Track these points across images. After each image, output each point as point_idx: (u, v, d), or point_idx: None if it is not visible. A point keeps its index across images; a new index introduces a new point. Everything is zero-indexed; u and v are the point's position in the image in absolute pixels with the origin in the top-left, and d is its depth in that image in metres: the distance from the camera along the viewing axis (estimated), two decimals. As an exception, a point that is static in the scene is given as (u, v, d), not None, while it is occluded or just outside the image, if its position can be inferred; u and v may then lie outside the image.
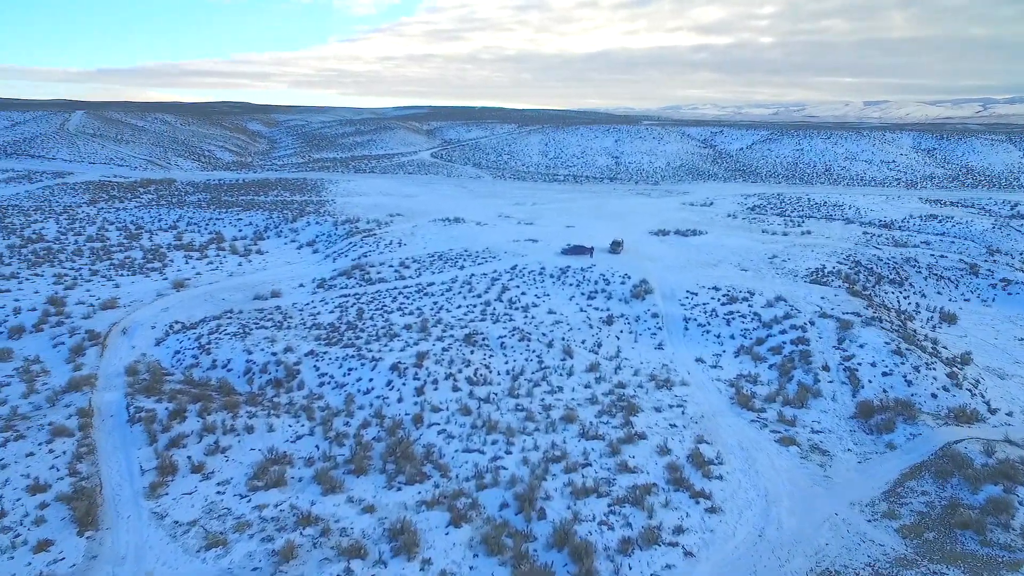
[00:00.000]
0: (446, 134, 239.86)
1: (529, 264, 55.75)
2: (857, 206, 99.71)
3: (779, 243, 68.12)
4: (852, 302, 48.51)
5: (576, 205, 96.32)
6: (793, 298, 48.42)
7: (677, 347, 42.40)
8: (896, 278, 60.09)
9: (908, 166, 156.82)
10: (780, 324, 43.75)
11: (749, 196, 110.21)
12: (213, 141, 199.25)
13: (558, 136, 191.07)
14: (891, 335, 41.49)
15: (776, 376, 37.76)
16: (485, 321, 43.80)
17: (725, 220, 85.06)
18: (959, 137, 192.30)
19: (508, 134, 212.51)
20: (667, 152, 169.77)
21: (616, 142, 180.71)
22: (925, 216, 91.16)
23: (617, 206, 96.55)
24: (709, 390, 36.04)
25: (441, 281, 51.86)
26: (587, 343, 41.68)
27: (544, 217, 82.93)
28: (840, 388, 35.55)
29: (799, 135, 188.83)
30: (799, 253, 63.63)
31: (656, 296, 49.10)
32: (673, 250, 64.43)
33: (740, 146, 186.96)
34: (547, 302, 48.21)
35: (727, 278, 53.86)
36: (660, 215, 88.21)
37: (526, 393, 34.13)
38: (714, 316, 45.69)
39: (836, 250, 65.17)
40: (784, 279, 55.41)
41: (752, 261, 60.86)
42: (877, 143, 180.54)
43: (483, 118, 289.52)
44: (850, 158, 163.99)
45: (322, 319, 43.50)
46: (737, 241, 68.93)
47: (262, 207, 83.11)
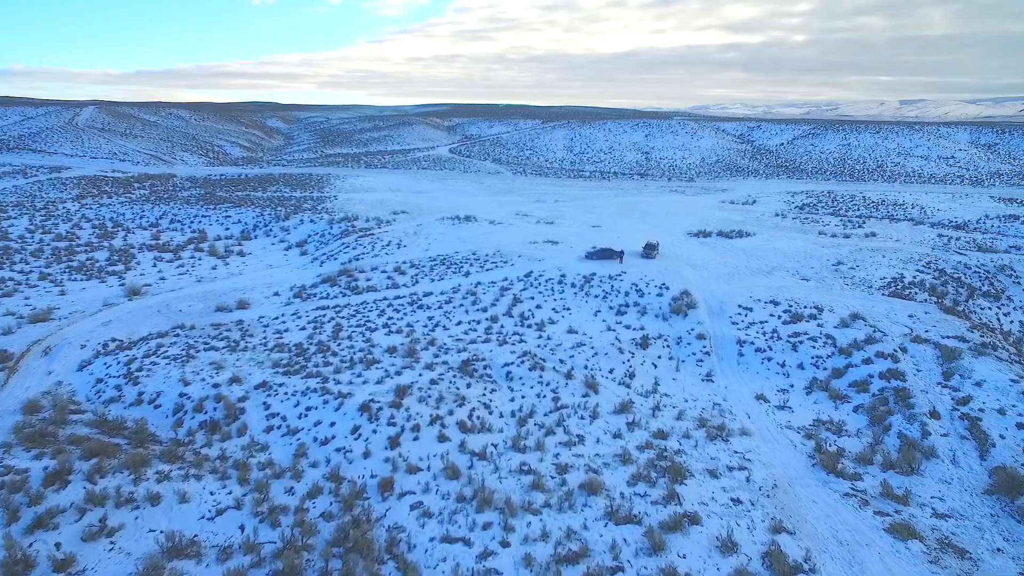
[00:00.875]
0: (467, 130, 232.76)
1: (547, 270, 47.59)
2: (921, 205, 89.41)
3: (842, 247, 58.82)
4: (949, 322, 39.32)
5: (603, 203, 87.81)
6: (873, 316, 39.46)
7: (731, 379, 33.86)
8: (991, 290, 50.55)
9: (969, 162, 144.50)
10: (862, 351, 34.89)
11: (796, 194, 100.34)
12: (226, 136, 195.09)
13: (584, 131, 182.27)
14: (1014, 368, 32.37)
15: (866, 424, 29.02)
16: (489, 342, 35.79)
17: (773, 220, 75.73)
18: (1022, 132, 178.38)
19: (531, 129, 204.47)
20: (701, 147, 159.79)
21: (646, 137, 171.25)
22: (1004, 216, 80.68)
23: (649, 204, 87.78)
24: (779, 443, 27.51)
25: (441, 291, 43.99)
26: (616, 373, 33.41)
27: (567, 216, 74.67)
28: (960, 445, 26.67)
29: (845, 130, 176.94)
30: (868, 259, 54.34)
31: (701, 312, 40.55)
32: (717, 255, 55.63)
33: (780, 141, 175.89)
34: (567, 318, 40.03)
35: (786, 289, 45.03)
36: (698, 214, 79.22)
37: (535, 445, 26.05)
38: (775, 338, 36.99)
39: (912, 256, 55.70)
40: (856, 291, 46.32)
41: (813, 268, 51.80)
42: (932, 138, 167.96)
43: (507, 115, 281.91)
44: (903, 153, 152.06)
45: (289, 338, 35.94)
46: (791, 244, 59.80)
47: (256, 203, 76.39)
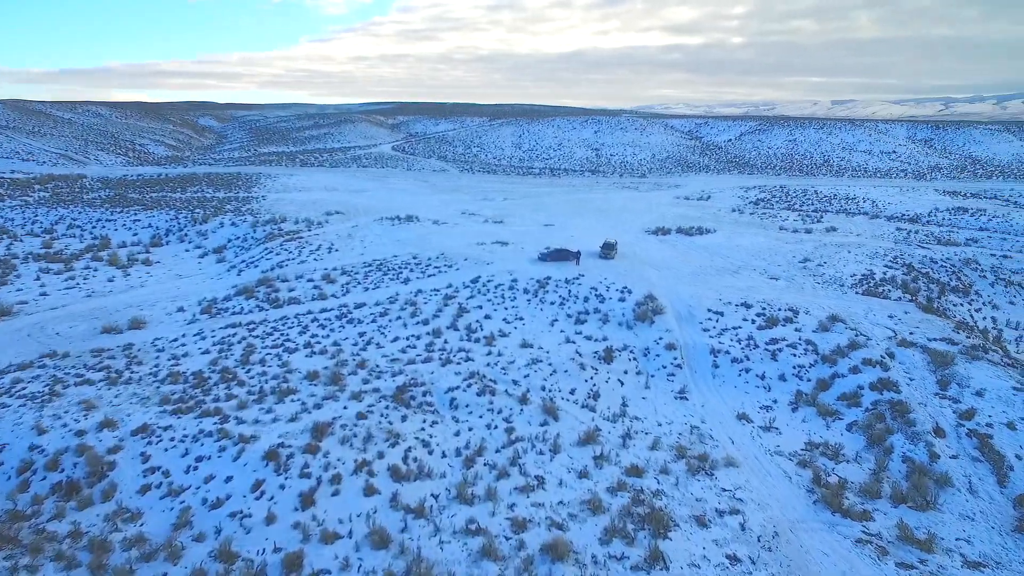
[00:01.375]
0: (412, 128, 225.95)
1: (496, 275, 42.86)
2: (872, 199, 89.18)
3: (805, 243, 56.37)
4: (932, 323, 36.65)
5: (554, 200, 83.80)
6: (852, 318, 36.40)
7: (707, 395, 29.93)
8: (960, 286, 48.73)
9: (910, 156, 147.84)
10: (847, 358, 31.58)
11: (749, 189, 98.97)
12: (150, 135, 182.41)
13: (533, 128, 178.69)
14: (1012, 374, 29.58)
15: (864, 445, 25.45)
16: (431, 362, 30.76)
17: (731, 216, 73.31)
18: (955, 127, 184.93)
19: (478, 127, 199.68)
20: (651, 144, 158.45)
21: (596, 133, 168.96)
22: (953, 209, 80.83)
23: (602, 201, 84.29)
24: (771, 474, 23.60)
25: (375, 301, 38.63)
26: (578, 394, 28.96)
27: (517, 215, 70.17)
28: (974, 469, 23.34)
29: (791, 125, 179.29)
30: (835, 255, 51.90)
31: (668, 318, 36.62)
32: (679, 253, 52.14)
33: (728, 137, 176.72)
34: (520, 329, 35.39)
35: (756, 290, 41.71)
36: (654, 211, 76.13)
37: (485, 494, 21.29)
38: (752, 346, 33.34)
39: (877, 250, 53.64)
40: (829, 290, 43.46)
41: (780, 266, 48.88)
42: (872, 133, 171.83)
43: (453, 113, 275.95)
44: (848, 148, 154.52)
45: (186, 365, 29.97)
46: (754, 241, 57.01)
47: (171, 205, 68.77)
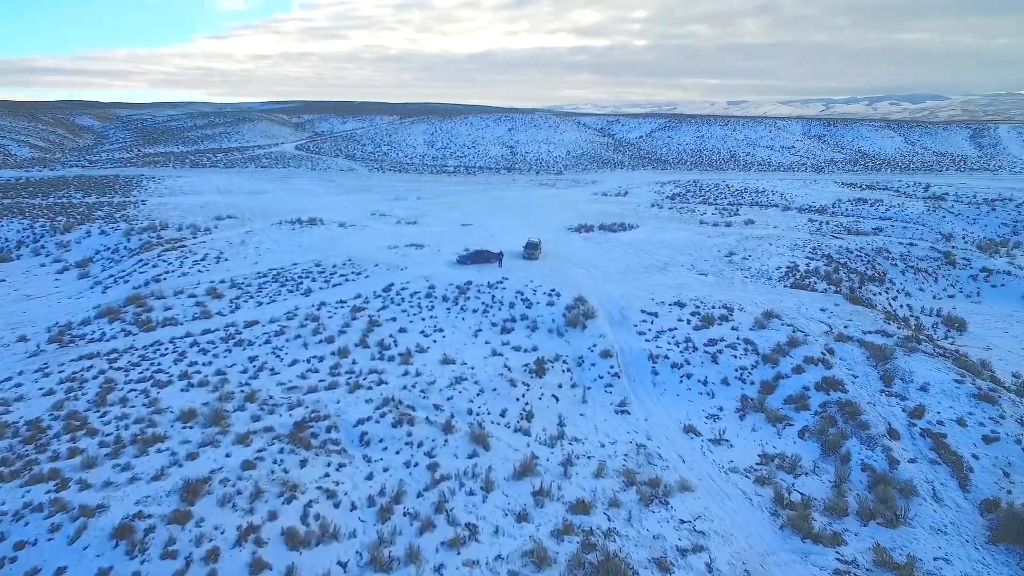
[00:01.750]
0: (318, 126, 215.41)
1: (412, 281, 38.73)
2: (779, 191, 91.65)
3: (727, 236, 55.84)
4: (863, 314, 36.05)
5: (471, 198, 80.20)
6: (786, 313, 35.17)
7: (649, 406, 27.35)
8: (875, 274, 49.39)
9: (808, 151, 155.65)
10: (788, 356, 30.01)
11: (664, 184, 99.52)
12: (13, 135, 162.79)
13: (445, 126, 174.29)
14: (950, 365, 28.93)
15: (820, 454, 23.61)
16: (336, 389, 26.35)
17: (651, 211, 72.50)
18: (845, 124, 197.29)
19: (388, 125, 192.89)
20: (566, 141, 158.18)
21: (510, 131, 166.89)
22: (854, 200, 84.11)
23: (520, 198, 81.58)
24: (730, 498, 21.15)
25: (270, 318, 33.54)
26: (510, 415, 25.53)
27: (432, 215, 65.98)
28: (935, 474, 21.87)
29: (698, 122, 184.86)
30: (757, 248, 51.45)
31: (601, 321, 33.93)
32: (604, 251, 49.94)
33: (639, 134, 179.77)
34: (440, 343, 31.54)
35: (687, 287, 39.94)
36: (573, 207, 74.15)
37: (406, 555, 17.48)
38: (691, 349, 31.17)
39: (796, 242, 53.79)
40: (758, 284, 42.44)
41: (707, 261, 47.67)
42: (772, 130, 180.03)
43: (362, 111, 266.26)
44: (752, 144, 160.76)
45: (19, 413, 23.98)
46: (678, 235, 55.88)
47: (27, 213, 59.45)
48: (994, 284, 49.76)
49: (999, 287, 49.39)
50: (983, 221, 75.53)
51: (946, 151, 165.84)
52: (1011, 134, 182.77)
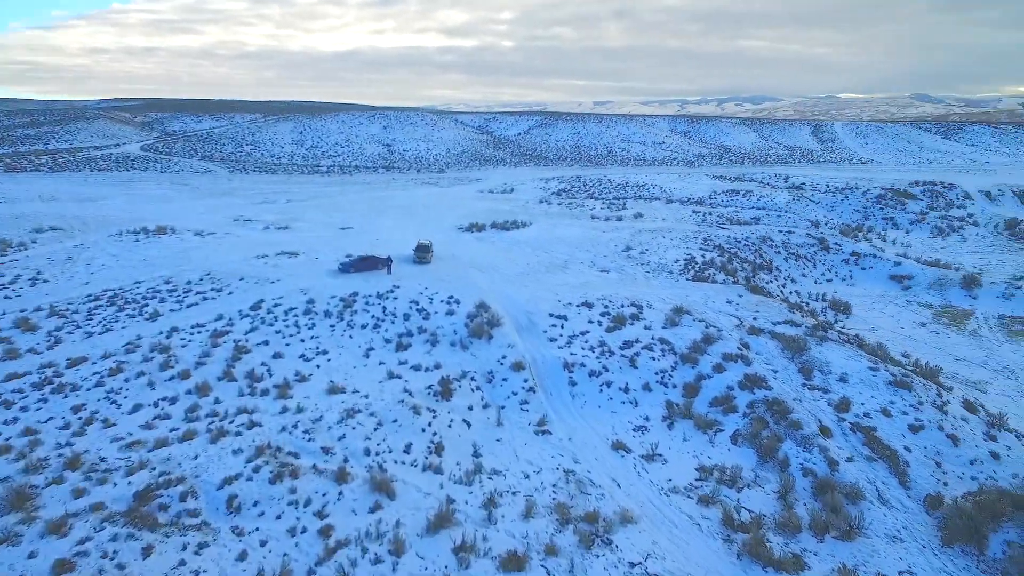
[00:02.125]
0: (168, 125, 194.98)
1: (286, 296, 33.41)
2: (659, 185, 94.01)
3: (621, 230, 55.07)
4: (768, 305, 35.83)
5: (349, 199, 74.26)
6: (695, 307, 34.07)
7: (571, 423, 24.59)
8: (763, 263, 50.53)
9: (678, 146, 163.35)
10: (706, 354, 28.57)
11: (548, 180, 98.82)
12: None
13: (315, 124, 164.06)
14: (860, 353, 28.83)
15: (757, 460, 22.02)
16: (195, 439, 21.04)
17: (540, 208, 70.77)
18: (707, 121, 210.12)
19: (251, 123, 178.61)
20: (444, 139, 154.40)
21: (385, 129, 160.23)
22: (727, 191, 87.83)
23: (403, 198, 76.84)
24: (676, 525, 18.77)
25: (105, 352, 27.02)
26: (416, 451, 21.64)
27: (306, 218, 59.71)
28: (874, 473, 20.89)
29: (574, 120, 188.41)
30: (651, 241, 50.95)
31: (508, 329, 30.81)
32: (500, 251, 46.99)
33: (517, 131, 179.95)
34: (325, 368, 26.86)
35: (592, 286, 37.93)
36: (461, 206, 70.74)
37: (297, 667, 13.14)
38: (607, 353, 28.88)
39: (687, 234, 54.06)
40: (660, 279, 41.40)
41: (606, 257, 46.20)
42: (642, 127, 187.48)
43: (221, 109, 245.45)
44: (626, 140, 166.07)
45: None
46: (572, 232, 54.25)
47: None
48: (863, 267, 52.55)
49: (868, 269, 52.21)
50: (839, 208, 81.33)
51: (795, 145, 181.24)
52: (845, 129, 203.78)
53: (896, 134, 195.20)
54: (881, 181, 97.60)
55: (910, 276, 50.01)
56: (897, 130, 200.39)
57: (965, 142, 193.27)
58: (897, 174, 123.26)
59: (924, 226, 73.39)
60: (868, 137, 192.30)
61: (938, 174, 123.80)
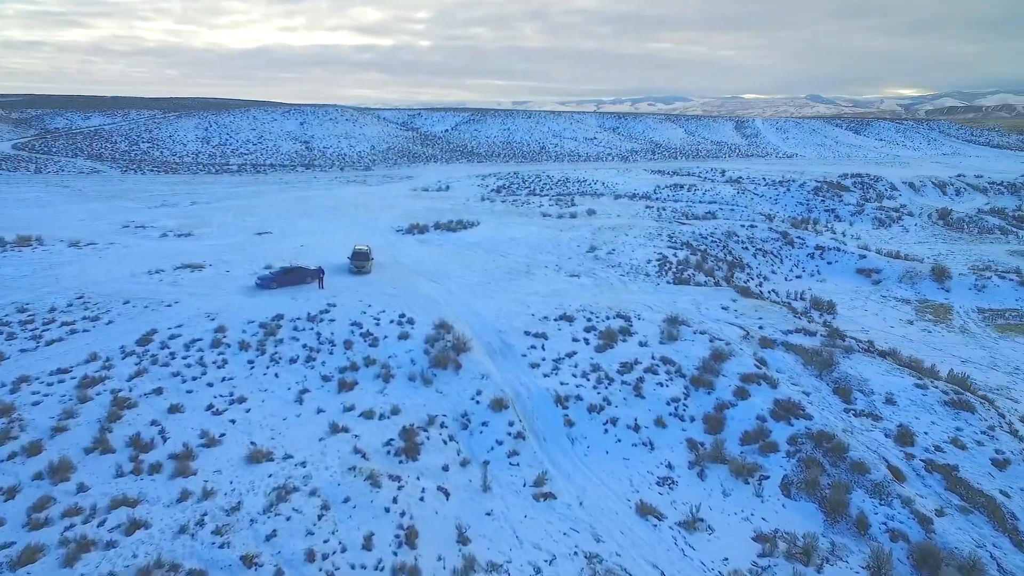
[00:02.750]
0: (50, 122, 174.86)
1: (188, 324, 26.02)
2: (599, 180, 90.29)
3: (579, 229, 50.14)
4: (769, 310, 31.68)
5: (266, 200, 65.68)
6: (689, 316, 29.39)
7: (579, 479, 19.10)
8: (734, 260, 46.95)
9: (609, 142, 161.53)
10: (721, 376, 23.82)
11: (485, 176, 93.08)
12: None
13: (223, 120, 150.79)
14: (895, 365, 24.88)
15: (824, 521, 17.30)
16: (35, 562, 13.89)
17: (483, 206, 64.89)
18: (633, 118, 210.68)
19: (148, 120, 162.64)
20: (368, 135, 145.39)
21: (302, 125, 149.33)
22: (671, 186, 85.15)
23: (329, 198, 68.92)
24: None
25: (-89, 419, 18.98)
26: (379, 546, 15.48)
27: (215, 222, 51.17)
28: (976, 529, 16.57)
29: (502, 115, 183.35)
30: (615, 239, 46.29)
31: (478, 354, 24.91)
32: (451, 255, 40.81)
33: (444, 127, 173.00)
34: (244, 422, 20.03)
35: (565, 294, 32.58)
36: (395, 206, 63.84)
37: None
38: (604, 381, 23.56)
39: (650, 231, 49.85)
40: (638, 282, 36.59)
41: (571, 259, 41.02)
42: (572, 123, 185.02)
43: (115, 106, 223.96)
44: (557, 136, 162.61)
45: None
46: (527, 231, 48.78)
47: None
48: (829, 261, 50.04)
49: (833, 264, 49.71)
50: (783, 201, 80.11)
51: (721, 140, 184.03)
52: (766, 125, 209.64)
53: (813, 129, 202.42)
54: (812, 174, 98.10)
55: (878, 270, 47.76)
56: (814, 126, 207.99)
57: (874, 137, 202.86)
58: (823, 167, 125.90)
59: (864, 217, 72.89)
60: (788, 132, 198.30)
61: (860, 166, 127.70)
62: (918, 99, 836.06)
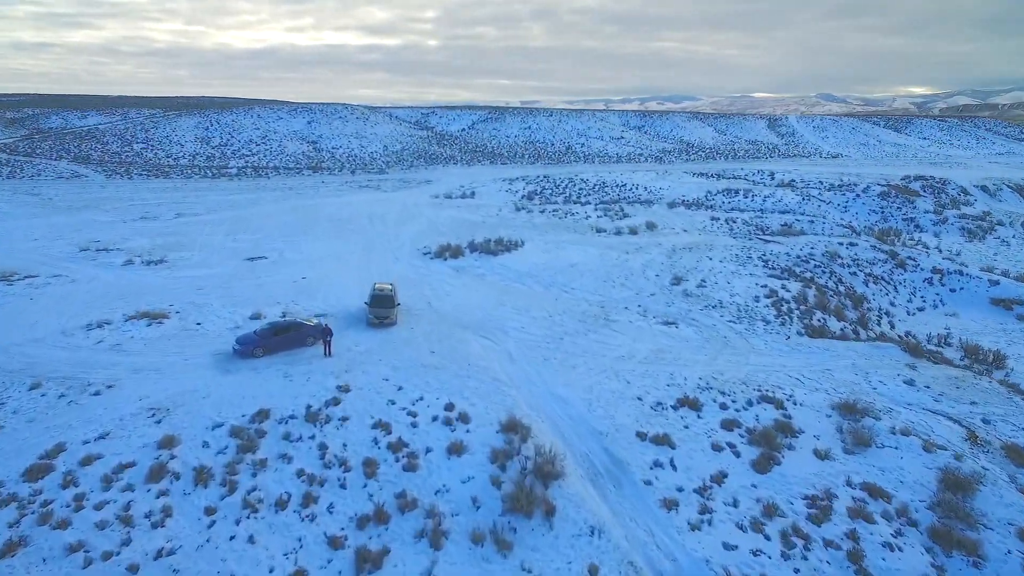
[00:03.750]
0: (45, 122, 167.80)
1: (116, 432, 17.01)
2: (642, 184, 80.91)
3: (647, 250, 40.84)
4: (971, 386, 22.16)
5: (263, 211, 56.85)
6: (861, 395, 20.01)
7: None
8: (848, 290, 37.49)
9: (638, 142, 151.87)
10: (979, 524, 14.44)
11: (512, 181, 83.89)
12: None
13: (225, 119, 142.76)
14: None
15: None
16: None
17: (520, 218, 55.71)
18: (658, 116, 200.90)
19: (146, 119, 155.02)
20: (380, 135, 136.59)
21: (310, 124, 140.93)
22: (724, 191, 75.71)
23: (338, 207, 60.02)
24: None
25: None
26: None
27: (198, 243, 42.27)
28: None
29: (522, 113, 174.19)
30: (698, 265, 36.97)
31: (577, 486, 15.78)
32: (499, 293, 31.55)
33: (461, 126, 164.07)
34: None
35: (671, 356, 23.33)
36: (416, 217, 54.79)
37: None
38: (798, 544, 14.33)
39: (734, 252, 40.50)
40: (759, 334, 27.20)
41: (654, 295, 31.67)
42: (596, 121, 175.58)
43: (117, 105, 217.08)
44: (583, 135, 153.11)
45: None
46: (583, 254, 39.53)
47: None
48: (952, 288, 40.64)
49: (958, 291, 40.29)
50: (853, 208, 70.56)
51: (755, 139, 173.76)
52: (801, 123, 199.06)
53: (853, 128, 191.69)
54: (869, 176, 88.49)
55: (1020, 300, 38.24)
56: (853, 124, 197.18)
57: (917, 135, 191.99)
58: (876, 168, 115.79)
59: (950, 228, 63.11)
60: (827, 131, 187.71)
61: (914, 167, 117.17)
62: (931, 97, 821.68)
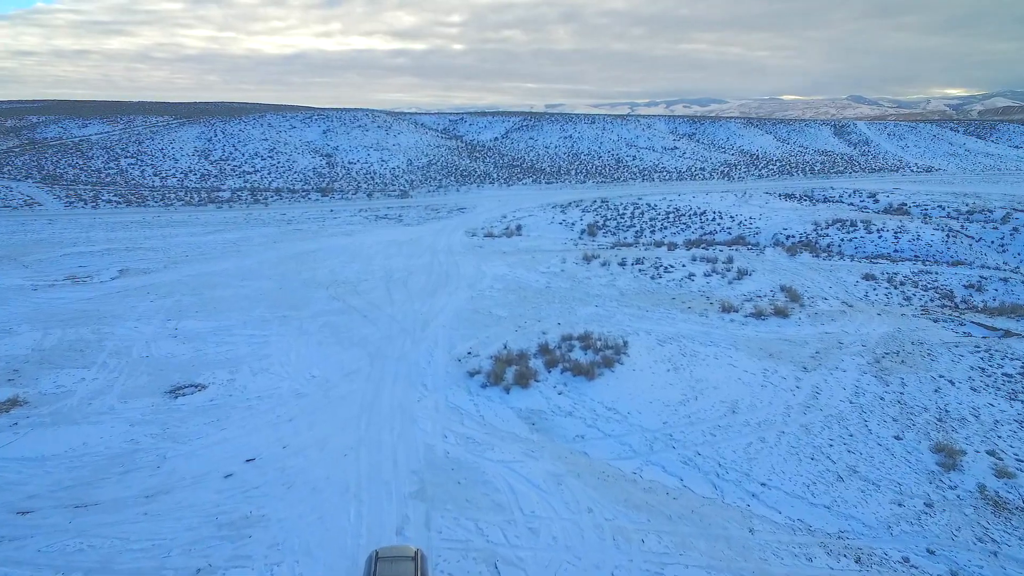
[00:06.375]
0: (41, 131, 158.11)
1: None
2: (726, 212, 65.46)
3: (832, 367, 25.67)
4: None
5: (241, 265, 42.93)
6: None
7: None
8: None
9: (695, 153, 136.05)
10: None
11: (566, 208, 69.07)
12: None
13: (231, 128, 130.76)
14: None
15: None
16: None
17: (590, 274, 40.76)
18: (710, 122, 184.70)
19: (149, 128, 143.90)
20: (404, 146, 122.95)
21: (326, 134, 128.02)
22: (833, 224, 59.95)
23: (343, 257, 45.88)
24: None
25: None
26: None
27: (112, 341, 28.30)
28: None
29: (561, 120, 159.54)
30: (947, 406, 21.62)
31: None
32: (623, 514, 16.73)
33: (493, 135, 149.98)
34: None
35: None
36: (453, 277, 40.28)
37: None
38: None
39: (977, 365, 25.04)
40: None
41: (930, 511, 16.46)
42: (641, 128, 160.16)
43: (124, 111, 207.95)
44: (631, 145, 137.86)
45: None
46: (727, 374, 24.46)
47: None
48: None
49: None
50: (1014, 248, 54.27)
51: (824, 149, 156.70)
52: (872, 130, 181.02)
53: (934, 135, 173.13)
54: (995, 198, 72.07)
55: None
56: (933, 131, 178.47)
57: (1005, 143, 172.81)
58: (988, 186, 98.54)
59: None
60: (904, 139, 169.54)
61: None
62: (967, 99, 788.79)
